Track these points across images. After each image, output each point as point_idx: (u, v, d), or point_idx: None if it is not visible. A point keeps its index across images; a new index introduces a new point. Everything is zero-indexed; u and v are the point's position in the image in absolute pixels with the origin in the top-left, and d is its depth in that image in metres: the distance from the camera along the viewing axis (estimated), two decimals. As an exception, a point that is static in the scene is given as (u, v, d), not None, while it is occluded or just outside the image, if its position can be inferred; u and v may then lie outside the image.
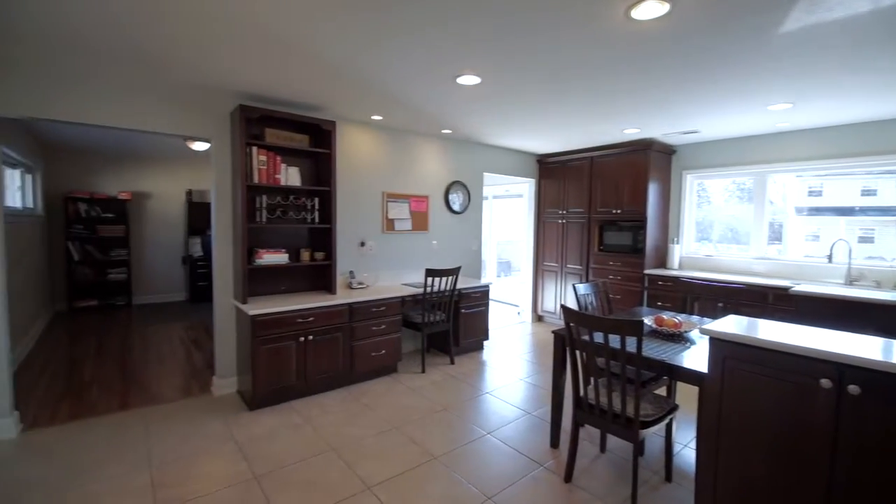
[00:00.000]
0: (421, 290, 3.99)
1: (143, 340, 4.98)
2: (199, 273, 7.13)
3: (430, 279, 3.85)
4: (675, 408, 2.29)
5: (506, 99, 3.28)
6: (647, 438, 2.73)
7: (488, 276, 7.52)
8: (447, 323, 4.11)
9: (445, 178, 4.89)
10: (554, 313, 5.70)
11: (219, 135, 3.41)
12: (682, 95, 3.13)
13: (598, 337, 2.25)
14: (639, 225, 4.78)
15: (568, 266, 5.49)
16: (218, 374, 3.49)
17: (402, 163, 4.51)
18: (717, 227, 4.87)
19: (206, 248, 7.09)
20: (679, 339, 2.53)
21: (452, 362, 4.19)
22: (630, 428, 2.09)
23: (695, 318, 3.06)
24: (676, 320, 2.64)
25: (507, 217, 7.70)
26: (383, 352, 3.75)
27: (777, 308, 3.73)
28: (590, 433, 2.84)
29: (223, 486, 2.24)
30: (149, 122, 3.12)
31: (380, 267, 4.40)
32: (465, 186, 5.05)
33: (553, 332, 2.62)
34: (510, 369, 4.09)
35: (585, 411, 2.28)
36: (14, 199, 4.79)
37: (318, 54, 2.48)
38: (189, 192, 7.29)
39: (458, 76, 2.80)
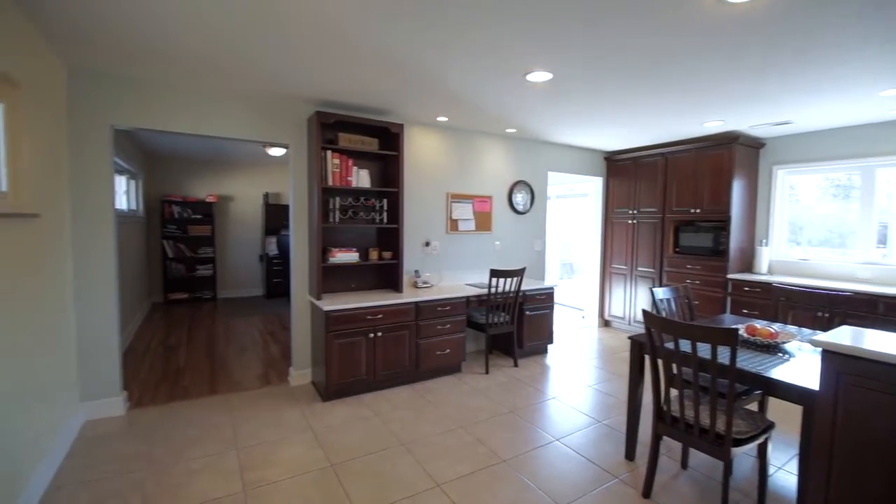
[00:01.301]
0: (485, 291, 3.98)
1: (226, 331, 5.41)
2: (274, 270, 7.61)
3: (494, 280, 3.82)
4: (770, 426, 2.08)
5: (576, 94, 3.18)
6: (734, 458, 2.51)
7: (550, 278, 7.33)
8: (511, 325, 4.06)
9: (509, 178, 4.83)
10: (623, 318, 5.43)
11: (296, 140, 3.61)
12: (776, 84, 2.86)
13: (682, 345, 2.11)
14: (720, 225, 4.43)
15: (639, 269, 5.21)
16: (294, 365, 3.69)
17: (465, 163, 4.52)
18: (808, 229, 4.38)
19: (281, 246, 7.56)
20: (774, 350, 2.31)
21: (516, 365, 4.13)
22: (720, 445, 1.93)
23: (791, 328, 2.78)
24: (771, 330, 2.40)
25: (571, 217, 7.46)
26: (448, 351, 3.78)
27: (889, 319, 3.29)
28: (669, 447, 2.66)
29: (302, 472, 2.36)
30: (235, 130, 3.37)
31: (443, 267, 4.43)
32: (528, 186, 4.96)
33: (630, 337, 2.49)
34: (577, 375, 3.95)
35: (668, 424, 2.14)
36: (121, 203, 5.40)
37: (389, 58, 2.55)
38: (266, 195, 7.81)
39: (528, 73, 2.76)
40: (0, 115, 2.09)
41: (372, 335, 3.39)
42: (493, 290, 3.83)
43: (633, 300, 5.29)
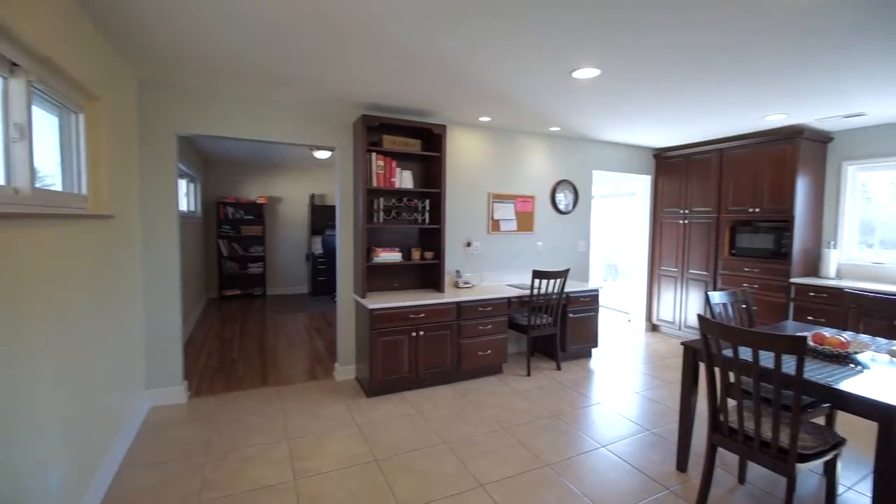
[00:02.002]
0: (526, 292, 3.93)
1: (275, 327, 5.65)
2: (319, 269, 7.88)
3: (536, 281, 3.77)
4: (841, 442, 1.93)
5: (625, 91, 3.08)
6: (798, 474, 2.34)
7: (594, 280, 7.13)
8: (554, 327, 3.98)
9: (552, 178, 4.75)
10: (672, 323, 5.20)
11: (342, 143, 3.72)
12: (852, 75, 2.64)
13: (742, 352, 1.99)
14: (782, 226, 4.15)
15: (690, 271, 4.97)
16: (339, 361, 3.81)
17: (507, 163, 4.48)
18: (881, 230, 4.01)
19: (326, 246, 7.81)
20: (845, 360, 2.14)
21: (559, 368, 4.05)
22: (784, 460, 1.81)
23: (864, 337, 2.56)
24: (842, 339, 2.22)
25: (616, 217, 7.23)
26: (489, 352, 3.76)
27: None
28: (724, 459, 2.53)
29: (349, 465, 2.44)
30: (286, 135, 3.52)
31: (484, 267, 4.42)
32: (572, 185, 4.85)
33: (683, 343, 2.38)
34: (623, 380, 3.82)
35: (724, 435, 2.03)
36: (182, 205, 5.76)
37: (436, 60, 2.57)
38: (312, 196, 8.10)
39: (575, 70, 2.70)
40: (81, 125, 2.30)
41: (414, 334, 3.44)
42: (535, 291, 3.78)
43: (684, 304, 5.05)
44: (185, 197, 6.00)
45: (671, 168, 5.22)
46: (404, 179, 3.78)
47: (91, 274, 2.14)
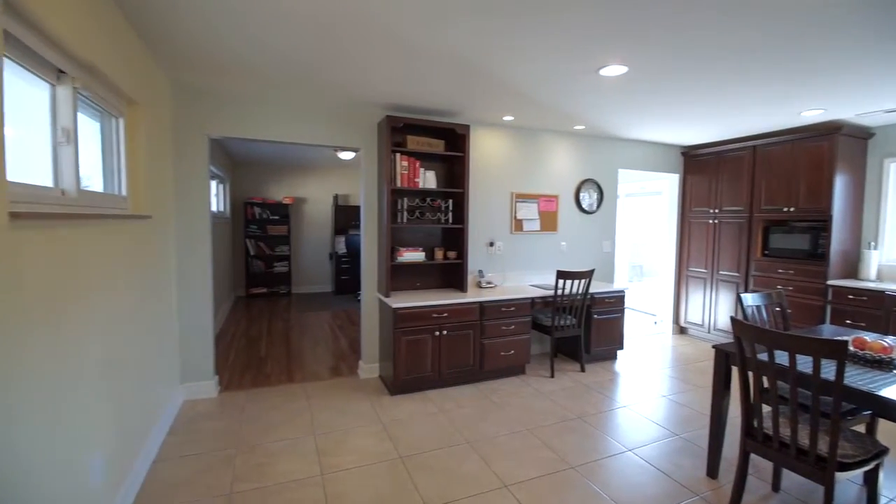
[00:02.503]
0: (550, 292, 3.90)
1: (300, 325, 5.77)
2: (342, 268, 8.00)
3: (560, 281, 3.73)
4: (884, 451, 1.85)
5: (654, 86, 3.02)
6: (836, 483, 2.25)
7: (619, 281, 7.01)
8: (578, 328, 3.94)
9: (576, 177, 4.69)
10: (701, 325, 5.06)
11: (367, 144, 3.77)
12: (893, 65, 2.52)
13: (778, 356, 1.93)
14: (819, 226, 3.99)
15: (720, 273, 4.83)
16: (363, 359, 3.86)
17: (531, 162, 4.45)
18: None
19: (349, 245, 7.92)
20: (888, 366, 2.04)
21: (583, 370, 4.00)
22: (822, 468, 1.74)
23: (910, 342, 2.43)
24: (885, 343, 2.13)
25: (642, 217, 7.09)
26: (512, 352, 3.75)
27: None
28: (757, 466, 2.45)
29: (374, 461, 2.47)
30: (313, 137, 3.59)
31: (507, 267, 4.41)
32: (597, 184, 4.78)
33: (714, 347, 2.32)
34: (649, 383, 3.75)
35: (759, 442, 1.97)
36: (212, 205, 5.94)
37: (460, 61, 2.57)
38: (336, 196, 8.22)
39: (602, 68, 2.66)
40: (122, 129, 2.40)
41: (437, 333, 3.46)
42: (559, 291, 3.75)
43: (714, 306, 4.91)
44: (215, 197, 6.18)
45: (700, 166, 5.08)
46: (428, 179, 3.80)
47: (131, 272, 2.23)
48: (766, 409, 2.04)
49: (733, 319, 1.95)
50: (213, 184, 6.06)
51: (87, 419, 1.71)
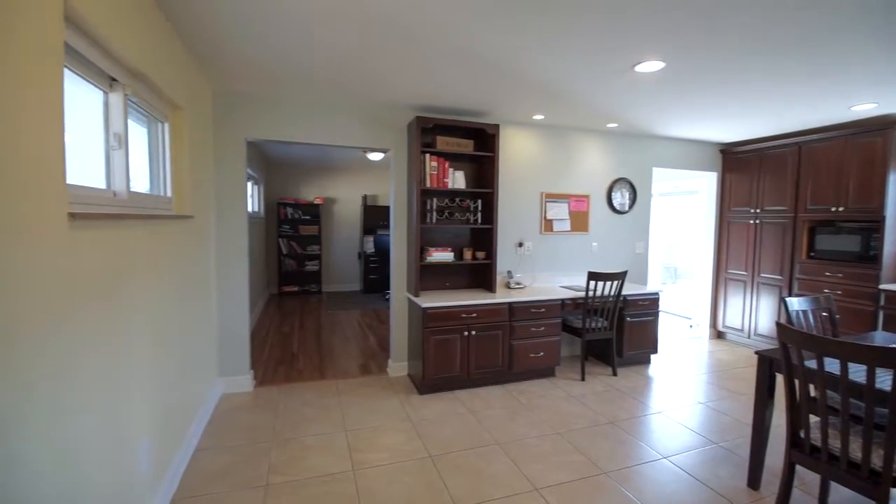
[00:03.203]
0: (580, 294, 3.83)
1: (330, 322, 5.88)
2: (370, 267, 8.11)
3: (592, 283, 3.66)
4: (948, 469, 1.72)
5: (692, 82, 2.92)
6: (892, 500, 2.11)
7: (652, 283, 6.82)
8: (610, 331, 3.85)
9: (608, 176, 4.59)
10: (740, 330, 4.86)
11: (397, 145, 3.81)
12: (962, 53, 2.35)
13: (827, 364, 1.83)
14: (871, 226, 3.76)
15: (762, 275, 4.62)
16: (392, 357, 3.90)
17: (561, 162, 4.39)
18: None
19: (377, 245, 8.03)
20: (953, 378, 1.90)
21: (615, 374, 3.91)
22: (876, 483, 1.64)
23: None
24: (949, 353, 1.98)
25: (676, 217, 6.87)
26: (542, 354, 3.70)
27: None
28: (802, 478, 2.33)
29: (404, 459, 2.49)
30: (345, 138, 3.65)
31: (536, 268, 4.36)
32: (630, 184, 4.67)
33: (757, 353, 2.23)
34: (685, 389, 3.62)
35: (806, 453, 1.87)
36: (248, 206, 6.15)
37: (491, 60, 2.57)
38: (364, 197, 8.35)
39: (637, 64, 2.60)
40: (167, 133, 2.51)
41: (466, 333, 3.46)
42: (590, 293, 3.68)
43: (754, 310, 4.71)
44: (250, 198, 6.38)
45: (741, 164, 4.88)
46: (457, 180, 3.80)
47: (174, 270, 2.33)
48: (813, 419, 1.94)
49: (779, 325, 1.87)
50: (249, 185, 6.26)
51: (137, 408, 1.80)
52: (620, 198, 4.65)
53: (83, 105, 1.72)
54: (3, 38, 1.01)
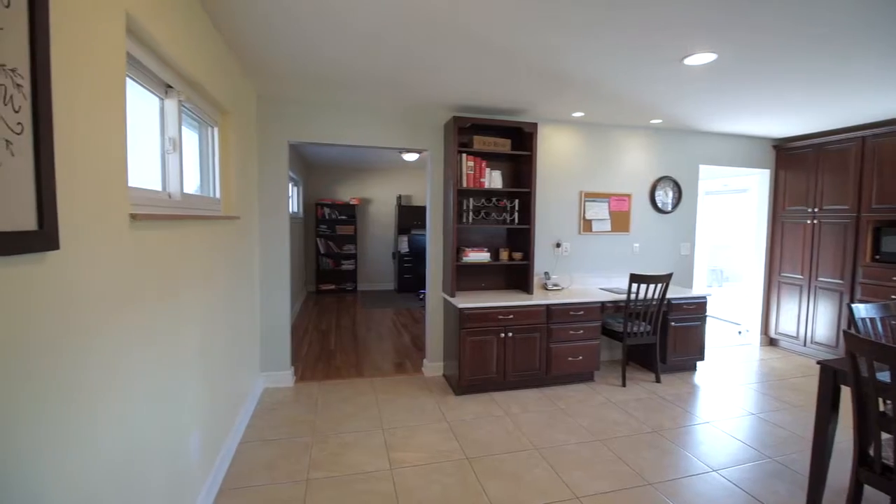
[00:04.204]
0: (621, 297, 3.70)
1: (366, 320, 5.98)
2: (405, 267, 8.18)
3: (634, 285, 3.53)
4: None
5: (746, 73, 2.76)
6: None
7: (697, 286, 6.52)
8: (653, 335, 3.71)
9: (651, 174, 4.42)
10: (795, 338, 4.57)
11: (433, 145, 3.81)
12: None
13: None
14: (950, 227, 3.44)
15: (819, 279, 4.32)
16: (427, 357, 3.91)
17: (601, 160, 4.27)
18: None
19: (412, 245, 8.09)
20: None
21: (658, 380, 3.76)
22: (964, 512, 1.49)
23: None
24: None
25: (724, 217, 6.55)
26: (580, 357, 3.61)
27: None
28: (871, 500, 2.15)
29: (440, 460, 2.49)
30: (381, 139, 3.69)
31: (574, 269, 4.25)
32: (675, 182, 4.48)
33: (820, 363, 2.08)
34: (734, 399, 3.44)
35: (876, 473, 1.72)
36: (289, 207, 6.33)
37: (530, 57, 2.52)
38: (399, 197, 8.43)
39: (687, 56, 2.48)
40: (216, 137, 2.61)
41: (503, 335, 3.41)
42: (632, 296, 3.55)
43: (811, 317, 4.41)
44: (291, 199, 6.57)
45: (796, 160, 4.58)
46: (493, 179, 3.76)
47: (222, 268, 2.43)
48: (885, 436, 1.79)
49: (847, 334, 1.73)
50: (290, 186, 6.46)
51: (189, 399, 1.88)
52: (664, 197, 4.47)
53: (141, 111, 1.81)
54: (79, 51, 1.07)
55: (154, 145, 1.90)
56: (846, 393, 1.96)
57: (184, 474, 1.81)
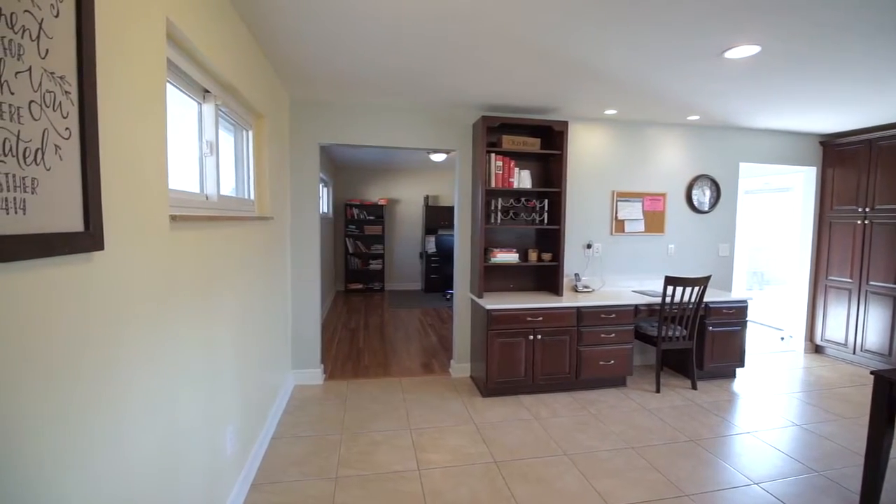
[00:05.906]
0: (655, 299, 3.58)
1: (393, 320, 6.02)
2: (432, 267, 8.20)
3: (669, 288, 3.41)
4: None
5: (792, 66, 2.62)
6: None
7: (736, 289, 6.24)
8: (689, 340, 3.57)
9: (688, 173, 4.26)
10: (844, 345, 4.30)
11: (462, 145, 3.79)
12: None
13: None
14: None
15: (871, 284, 4.05)
16: (454, 358, 3.90)
17: (635, 159, 4.14)
18: None
19: (439, 245, 8.09)
20: None
21: (694, 387, 3.61)
22: None
23: None
24: None
25: (765, 217, 6.24)
26: (612, 362, 3.51)
27: None
28: (932, 524, 2.00)
29: (468, 463, 2.47)
30: (410, 140, 3.70)
31: (606, 270, 4.15)
32: (713, 181, 4.30)
33: (874, 373, 1.94)
34: (777, 409, 3.26)
35: (942, 495, 1.59)
36: (319, 207, 6.45)
37: (562, 56, 2.46)
38: (426, 197, 8.46)
39: (728, 50, 2.37)
40: (250, 140, 2.68)
41: (532, 337, 3.36)
42: (667, 299, 3.43)
43: (862, 323, 4.14)
44: (321, 200, 6.70)
45: (845, 157, 4.31)
46: (522, 179, 3.71)
47: (257, 268, 2.49)
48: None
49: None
50: (320, 187, 6.58)
51: (224, 395, 1.93)
52: (701, 196, 4.30)
53: (180, 115, 1.87)
54: (122, 58, 1.11)
55: (192, 148, 1.97)
56: (906, 407, 1.82)
57: (220, 468, 1.86)
